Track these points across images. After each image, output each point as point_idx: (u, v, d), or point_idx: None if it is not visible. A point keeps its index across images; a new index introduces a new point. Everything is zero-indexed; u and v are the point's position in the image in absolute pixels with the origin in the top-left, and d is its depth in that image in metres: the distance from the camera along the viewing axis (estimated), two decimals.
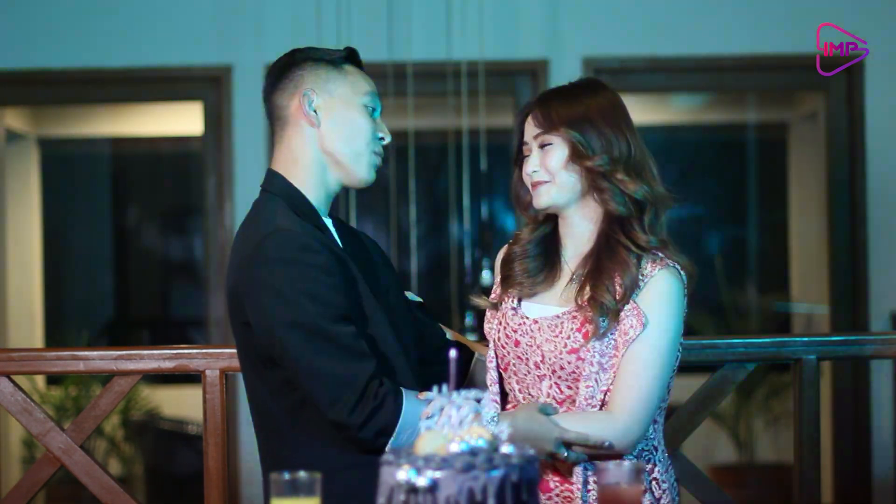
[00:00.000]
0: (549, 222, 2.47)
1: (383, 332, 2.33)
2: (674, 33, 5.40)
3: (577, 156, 2.35)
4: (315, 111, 2.36)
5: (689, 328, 2.45)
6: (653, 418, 2.30)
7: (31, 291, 7.00)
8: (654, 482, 2.34)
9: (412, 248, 5.23)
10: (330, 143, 2.36)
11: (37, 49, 5.38)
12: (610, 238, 2.35)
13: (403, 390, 2.23)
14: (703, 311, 6.38)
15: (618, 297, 2.29)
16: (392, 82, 5.16)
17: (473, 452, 1.60)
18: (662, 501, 2.34)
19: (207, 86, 5.44)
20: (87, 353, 3.04)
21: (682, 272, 2.34)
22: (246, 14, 5.36)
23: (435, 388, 1.68)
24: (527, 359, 2.36)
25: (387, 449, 2.18)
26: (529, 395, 2.37)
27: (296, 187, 2.36)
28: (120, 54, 5.39)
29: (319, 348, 2.20)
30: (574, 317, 2.32)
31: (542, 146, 2.39)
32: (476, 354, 2.57)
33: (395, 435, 2.19)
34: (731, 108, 7.32)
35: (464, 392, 1.66)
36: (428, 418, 1.68)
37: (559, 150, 2.36)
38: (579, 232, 2.41)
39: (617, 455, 2.28)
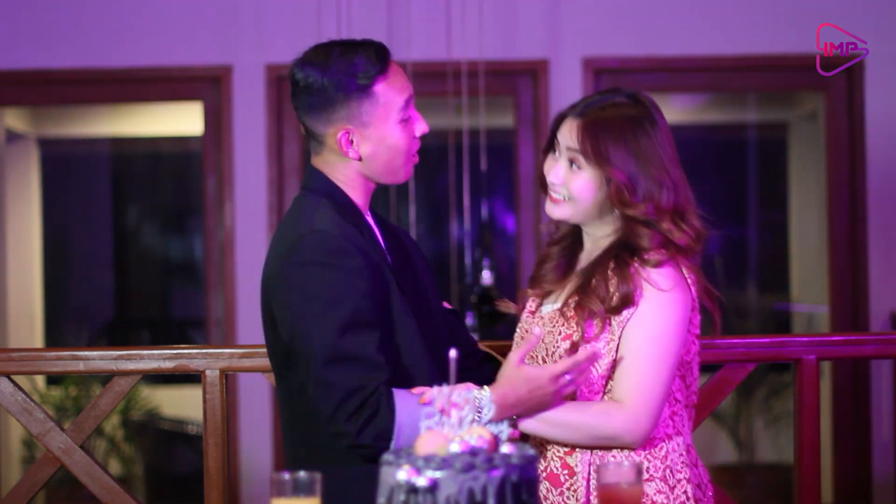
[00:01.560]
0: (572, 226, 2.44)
1: (411, 340, 2.29)
2: (674, 33, 5.40)
3: (616, 201, 2.27)
4: (353, 148, 2.31)
5: None
6: (660, 412, 2.26)
7: (31, 291, 7.00)
8: (667, 470, 2.30)
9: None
10: (371, 167, 2.34)
11: (37, 49, 5.38)
12: (619, 255, 2.30)
13: (395, 390, 2.19)
14: (703, 310, 6.37)
15: (612, 305, 2.26)
16: None
17: (473, 452, 1.60)
18: (677, 491, 2.30)
19: (207, 86, 5.44)
20: (87, 353, 3.04)
21: (682, 268, 2.30)
22: (246, 14, 5.36)
23: (435, 388, 1.68)
24: (536, 355, 2.35)
25: (391, 449, 2.16)
26: None
27: (338, 186, 2.35)
28: (120, 54, 5.39)
29: (334, 358, 2.18)
30: (570, 315, 2.31)
31: (572, 162, 2.32)
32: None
33: (394, 437, 2.16)
34: (731, 108, 7.32)
35: (464, 392, 1.66)
36: (428, 418, 1.68)
37: (589, 180, 2.30)
38: (598, 237, 2.38)
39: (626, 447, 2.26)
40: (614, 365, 2.27)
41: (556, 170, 2.33)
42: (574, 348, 2.27)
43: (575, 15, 5.38)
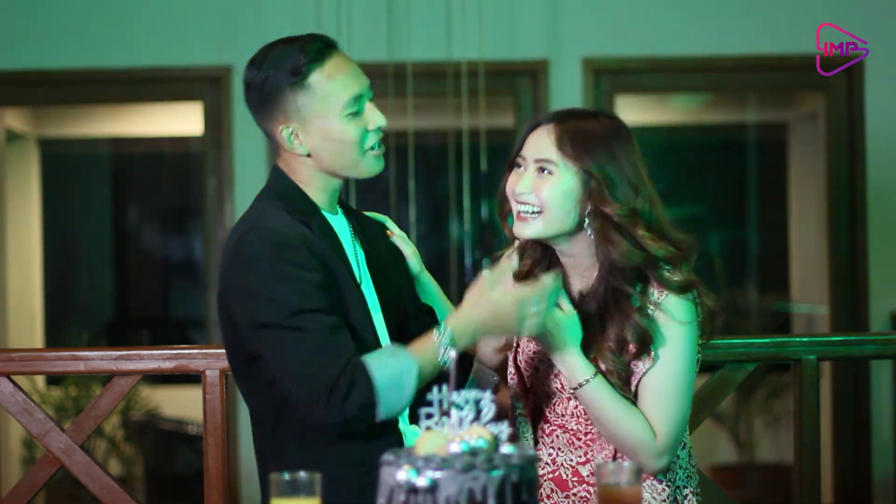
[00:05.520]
0: (541, 249, 2.32)
1: (363, 334, 2.28)
2: (674, 33, 5.40)
3: (596, 196, 2.19)
4: (298, 140, 2.28)
5: None
6: (681, 440, 2.27)
7: (31, 291, 7.00)
8: (676, 490, 2.31)
9: None
10: (323, 161, 2.31)
11: (37, 49, 5.38)
12: (612, 287, 2.22)
13: (366, 356, 2.17)
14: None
15: (629, 355, 2.21)
16: (392, 82, 5.16)
17: (473, 452, 1.60)
18: None
19: (207, 86, 5.45)
20: (87, 353, 3.03)
21: (691, 301, 2.24)
22: (246, 14, 5.36)
23: (435, 389, 1.68)
24: (543, 356, 2.33)
25: (381, 415, 2.16)
26: (545, 392, 2.34)
27: (295, 183, 2.33)
28: (120, 54, 5.39)
29: (292, 346, 2.17)
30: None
31: (541, 170, 2.23)
32: (475, 363, 2.54)
33: (379, 402, 2.15)
34: (731, 108, 7.32)
35: (464, 392, 1.66)
36: (428, 418, 1.68)
37: (562, 181, 2.21)
38: (583, 265, 2.28)
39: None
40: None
41: (523, 181, 2.23)
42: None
43: (575, 15, 5.38)
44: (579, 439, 2.30)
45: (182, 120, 7.04)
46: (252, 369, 2.30)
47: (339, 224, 2.39)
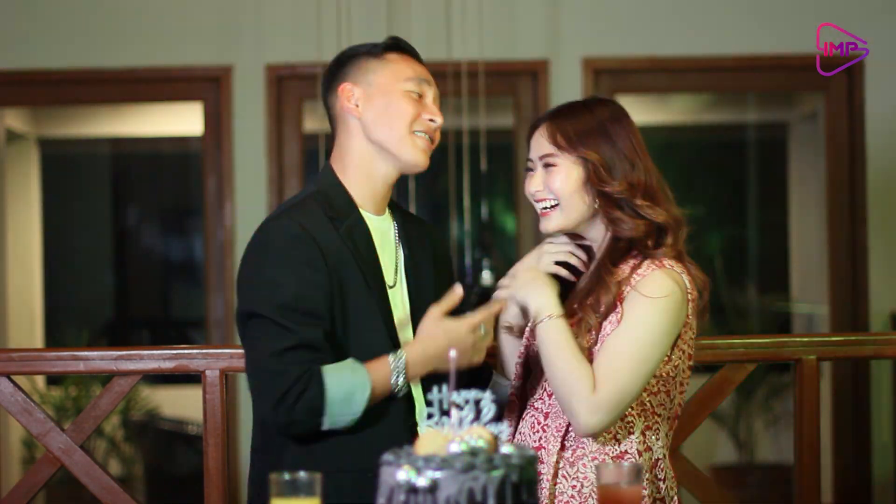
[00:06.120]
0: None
1: (370, 339, 2.32)
2: (674, 33, 5.40)
3: (595, 179, 2.31)
4: (356, 104, 2.39)
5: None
6: (622, 412, 2.25)
7: (31, 291, 7.00)
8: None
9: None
10: (374, 130, 2.38)
11: (37, 49, 5.38)
12: (602, 262, 2.33)
13: (327, 367, 2.23)
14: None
15: (600, 315, 2.28)
16: None
17: (473, 452, 1.60)
18: None
19: (207, 86, 5.45)
20: (87, 353, 3.03)
21: (682, 276, 2.30)
22: (246, 14, 5.36)
23: (435, 389, 1.68)
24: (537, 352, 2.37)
25: (326, 424, 2.23)
26: (532, 385, 2.39)
27: (339, 181, 2.40)
28: (120, 54, 5.39)
29: (269, 340, 2.23)
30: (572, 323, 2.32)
31: (547, 166, 2.35)
32: (493, 376, 2.56)
33: (326, 412, 2.22)
34: (731, 108, 7.32)
35: (464, 392, 1.66)
36: (428, 418, 1.68)
37: (566, 171, 2.33)
38: (598, 241, 2.39)
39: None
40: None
41: (535, 180, 2.37)
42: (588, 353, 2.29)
43: (575, 15, 5.38)
44: (539, 423, 2.34)
45: (182, 120, 7.04)
46: None
47: (383, 225, 2.43)
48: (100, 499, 3.05)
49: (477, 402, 1.65)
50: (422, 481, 1.56)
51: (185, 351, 3.03)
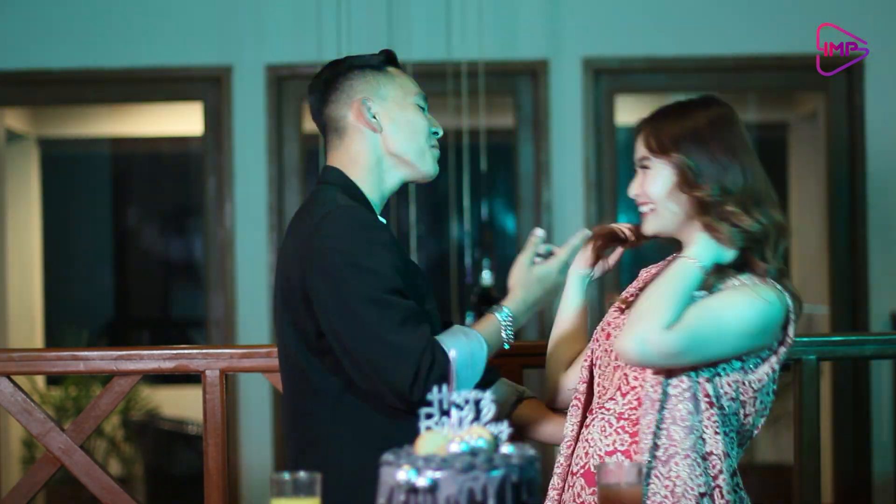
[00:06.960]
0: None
1: (434, 321, 2.38)
2: (674, 33, 5.40)
3: (684, 183, 2.27)
4: (374, 117, 2.42)
5: None
6: (672, 360, 2.20)
7: (31, 291, 7.00)
8: (716, 490, 2.31)
9: (412, 248, 5.23)
10: (394, 144, 2.43)
11: (37, 49, 5.38)
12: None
13: (440, 336, 2.28)
14: None
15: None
16: None
17: (473, 452, 1.60)
18: None
19: (207, 86, 5.45)
20: (87, 353, 3.04)
21: (784, 293, 2.31)
22: (246, 14, 5.36)
23: (435, 389, 1.68)
24: (610, 351, 2.36)
25: (455, 392, 2.20)
26: (603, 386, 2.36)
27: (353, 181, 2.43)
28: (120, 54, 5.39)
29: (382, 322, 2.23)
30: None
31: (643, 168, 2.33)
32: (497, 384, 2.57)
33: (455, 379, 2.18)
34: None
35: (464, 392, 1.66)
36: (428, 418, 1.68)
37: (660, 175, 2.30)
38: None
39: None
40: None
41: (634, 182, 2.36)
42: None
43: (575, 15, 5.38)
44: (612, 425, 2.30)
45: (182, 120, 7.04)
46: (315, 356, 2.32)
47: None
48: (100, 499, 3.05)
49: (477, 402, 1.65)
50: (422, 481, 1.56)
51: (185, 351, 3.03)
